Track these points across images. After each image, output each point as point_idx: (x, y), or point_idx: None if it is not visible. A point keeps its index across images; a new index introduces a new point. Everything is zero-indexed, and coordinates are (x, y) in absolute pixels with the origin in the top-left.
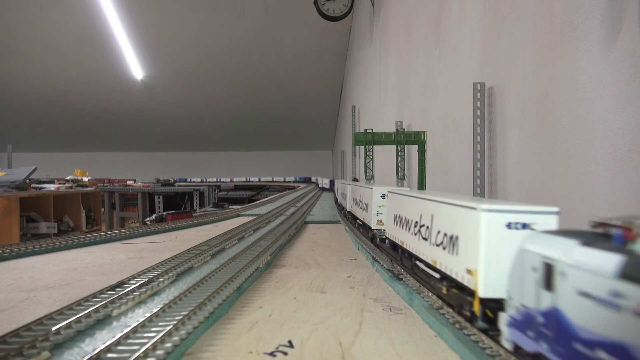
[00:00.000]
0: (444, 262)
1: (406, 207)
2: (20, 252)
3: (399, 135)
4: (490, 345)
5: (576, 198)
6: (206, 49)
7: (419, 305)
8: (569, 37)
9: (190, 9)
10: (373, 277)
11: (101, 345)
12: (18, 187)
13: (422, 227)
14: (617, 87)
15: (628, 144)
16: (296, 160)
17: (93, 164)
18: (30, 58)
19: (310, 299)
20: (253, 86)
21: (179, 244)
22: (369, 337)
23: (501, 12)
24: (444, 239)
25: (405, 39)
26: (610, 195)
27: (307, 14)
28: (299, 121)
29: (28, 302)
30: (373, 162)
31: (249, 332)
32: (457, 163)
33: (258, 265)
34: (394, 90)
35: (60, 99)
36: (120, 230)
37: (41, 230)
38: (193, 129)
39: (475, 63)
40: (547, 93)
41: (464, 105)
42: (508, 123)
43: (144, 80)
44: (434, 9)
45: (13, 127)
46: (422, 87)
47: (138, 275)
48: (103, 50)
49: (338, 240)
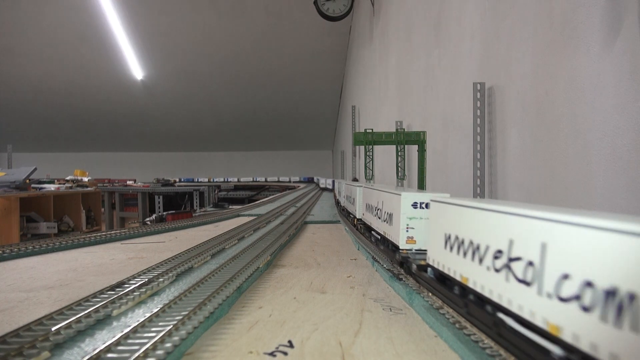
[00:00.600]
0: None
1: (473, 226)
2: (20, 252)
3: (399, 135)
4: (490, 345)
5: (576, 198)
6: (206, 49)
7: (419, 305)
8: (569, 37)
9: (190, 9)
10: (373, 277)
11: (101, 345)
12: (18, 187)
13: (516, 261)
14: (617, 87)
15: (628, 144)
16: (296, 161)
17: (93, 164)
18: (30, 58)
19: (310, 299)
20: (253, 86)
21: (179, 244)
22: (369, 337)
23: (501, 12)
24: (582, 291)
25: (405, 39)
26: (610, 195)
27: (307, 14)
28: (299, 121)
29: (28, 302)
30: (373, 162)
31: (249, 332)
32: (457, 163)
33: (258, 265)
34: (394, 90)
35: (60, 99)
36: (120, 230)
37: (41, 230)
38: (193, 129)
39: (475, 63)
40: (547, 93)
41: (464, 105)
42: (508, 123)
43: (144, 80)
44: (434, 9)
45: (13, 127)
46: (422, 87)
47: (138, 275)
48: (103, 50)
49: (338, 240)
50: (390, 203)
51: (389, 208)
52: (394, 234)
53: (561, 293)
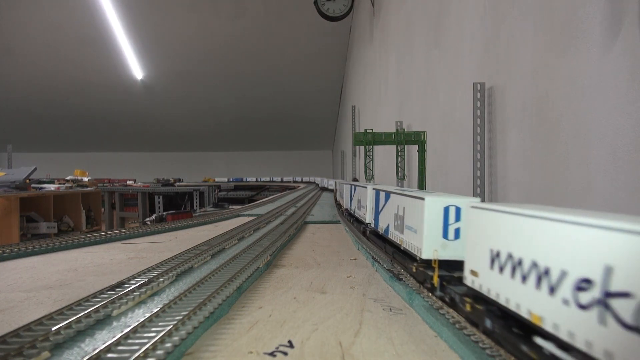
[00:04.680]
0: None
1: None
2: (20, 252)
3: (399, 135)
4: (490, 345)
5: (576, 198)
6: (206, 49)
7: (419, 305)
8: (569, 37)
9: (190, 9)
10: (373, 277)
11: (101, 345)
12: (18, 187)
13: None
14: (617, 87)
15: (628, 144)
16: (296, 161)
17: (93, 164)
18: (30, 58)
19: (310, 299)
20: (253, 86)
21: (179, 244)
22: (369, 337)
23: (501, 12)
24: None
25: (405, 39)
26: (610, 195)
27: (307, 14)
28: (299, 121)
29: (28, 302)
30: (373, 162)
31: (249, 332)
32: (457, 163)
33: (258, 265)
34: (394, 90)
35: (60, 99)
36: (120, 230)
37: (41, 230)
38: (193, 129)
39: (475, 63)
40: (547, 93)
41: (464, 105)
42: (508, 123)
43: (144, 80)
44: (434, 9)
45: (13, 127)
46: (422, 87)
47: (138, 275)
48: (103, 50)
49: (338, 241)
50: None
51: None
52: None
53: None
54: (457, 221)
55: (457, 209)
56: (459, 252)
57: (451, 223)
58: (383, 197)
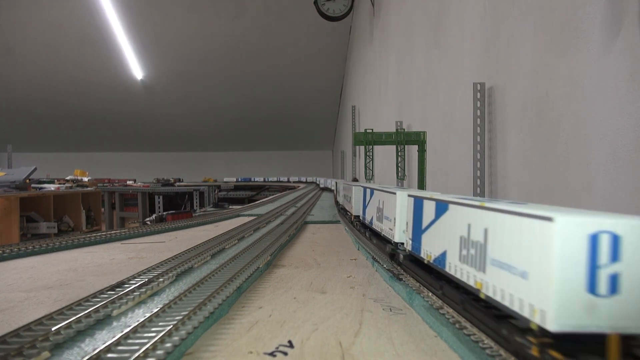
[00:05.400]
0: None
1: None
2: (20, 252)
3: (399, 135)
4: (490, 345)
5: (576, 198)
6: (206, 49)
7: (419, 305)
8: (569, 37)
9: (190, 9)
10: (373, 277)
11: (101, 345)
12: (18, 187)
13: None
14: (617, 87)
15: (628, 144)
16: (296, 161)
17: (93, 164)
18: (30, 58)
19: (310, 299)
20: (253, 86)
21: (179, 244)
22: (369, 337)
23: (501, 12)
24: None
25: (405, 39)
26: (610, 195)
27: (307, 14)
28: (299, 121)
29: (28, 302)
30: (373, 162)
31: (249, 332)
32: (457, 163)
33: (258, 265)
34: (394, 90)
35: (60, 98)
36: (120, 230)
37: (41, 230)
38: (193, 129)
39: (475, 63)
40: (547, 93)
41: (464, 105)
42: (508, 123)
43: (144, 80)
44: (434, 9)
45: (13, 127)
46: (422, 87)
47: (138, 275)
48: (103, 50)
49: (338, 241)
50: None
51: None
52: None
53: None
54: (615, 261)
55: (615, 239)
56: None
57: (603, 264)
58: (432, 208)
